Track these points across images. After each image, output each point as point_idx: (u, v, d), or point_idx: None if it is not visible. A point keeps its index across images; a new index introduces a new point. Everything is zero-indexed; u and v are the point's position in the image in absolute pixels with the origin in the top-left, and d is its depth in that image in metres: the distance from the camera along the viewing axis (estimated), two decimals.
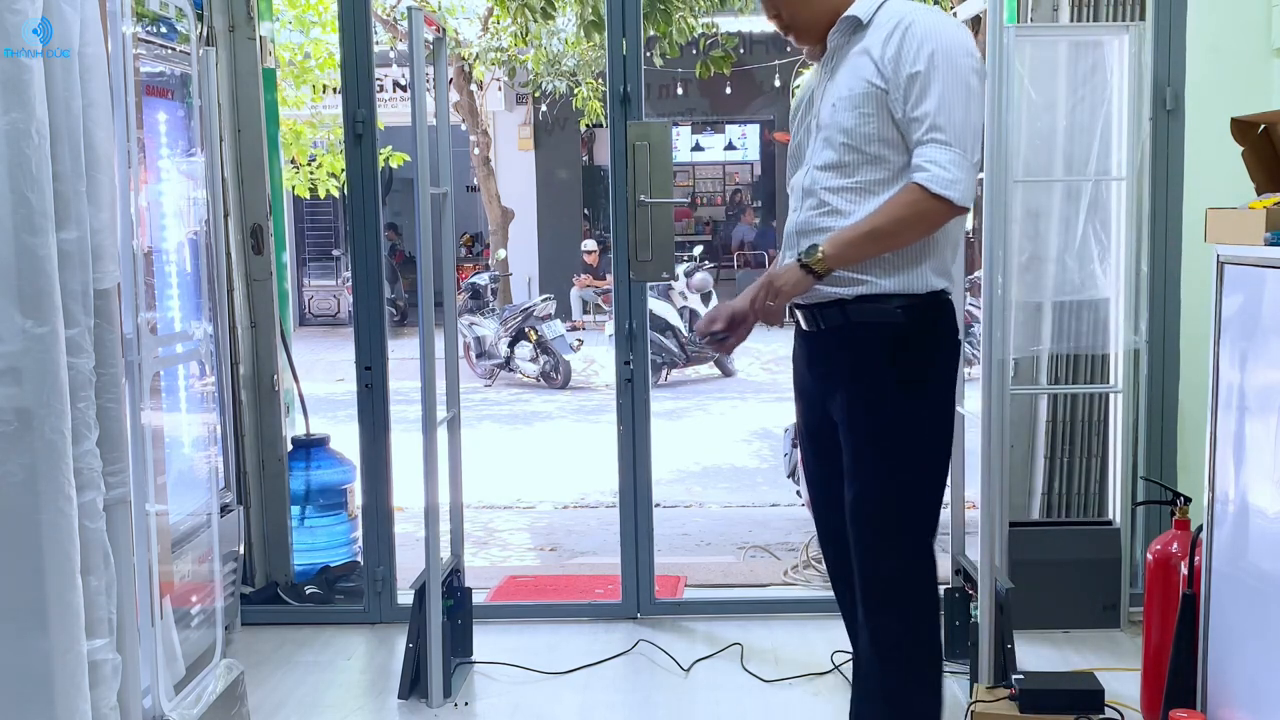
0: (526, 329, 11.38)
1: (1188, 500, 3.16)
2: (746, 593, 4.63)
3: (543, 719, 3.47)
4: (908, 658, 2.65)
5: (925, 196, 2.46)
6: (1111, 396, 4.09)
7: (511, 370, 11.59)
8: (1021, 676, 3.28)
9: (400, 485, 4.21)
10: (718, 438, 8.82)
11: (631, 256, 3.94)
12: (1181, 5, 3.93)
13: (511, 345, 11.50)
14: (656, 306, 10.44)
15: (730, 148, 20.95)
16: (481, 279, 12.78)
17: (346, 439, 4.48)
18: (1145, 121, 3.94)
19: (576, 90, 13.33)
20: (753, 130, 20.56)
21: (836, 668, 3.66)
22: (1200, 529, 2.92)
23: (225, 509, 3.72)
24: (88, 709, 2.32)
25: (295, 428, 4.56)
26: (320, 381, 10.43)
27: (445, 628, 3.52)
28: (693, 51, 8.92)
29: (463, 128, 14.07)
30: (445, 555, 3.67)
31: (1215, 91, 3.87)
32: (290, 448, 4.43)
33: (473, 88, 13.96)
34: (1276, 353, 2.59)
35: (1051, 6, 4.15)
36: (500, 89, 15.72)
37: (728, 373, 11.71)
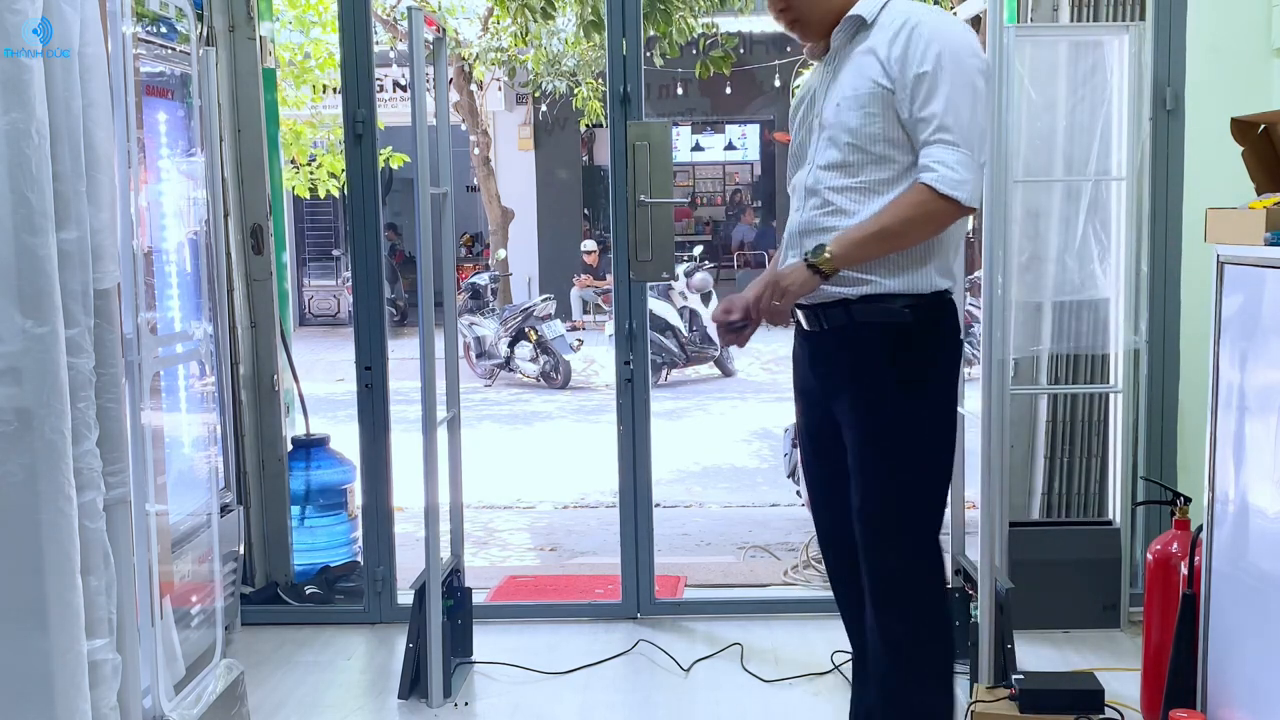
0: (526, 329, 11.38)
1: (1188, 500, 3.16)
2: (746, 593, 4.62)
3: (543, 719, 3.47)
4: (917, 656, 2.64)
5: (933, 197, 2.46)
6: (1111, 396, 4.09)
7: (511, 370, 11.59)
8: (1021, 676, 3.28)
9: (400, 485, 4.20)
10: (718, 438, 8.82)
11: (631, 256, 3.94)
12: (1181, 5, 3.93)
13: (511, 345, 11.50)
14: (656, 306, 10.43)
15: (730, 148, 20.95)
16: (481, 279, 12.77)
17: (346, 439, 4.48)
18: (1145, 121, 3.94)
19: (576, 90, 13.33)
20: (753, 130, 20.56)
21: (836, 668, 3.66)
22: (1200, 529, 2.92)
23: (225, 509, 3.72)
24: (88, 709, 2.32)
25: (295, 428, 4.56)
26: (320, 381, 10.43)
27: (445, 628, 3.52)
28: (693, 51, 8.93)
29: (463, 128, 14.07)
30: (445, 555, 3.67)
31: (1215, 91, 3.88)
32: (290, 448, 4.43)
33: (473, 88, 13.96)
34: (1276, 353, 2.59)
35: (1051, 6, 4.15)
36: (500, 89, 15.72)
37: (728, 373, 11.71)
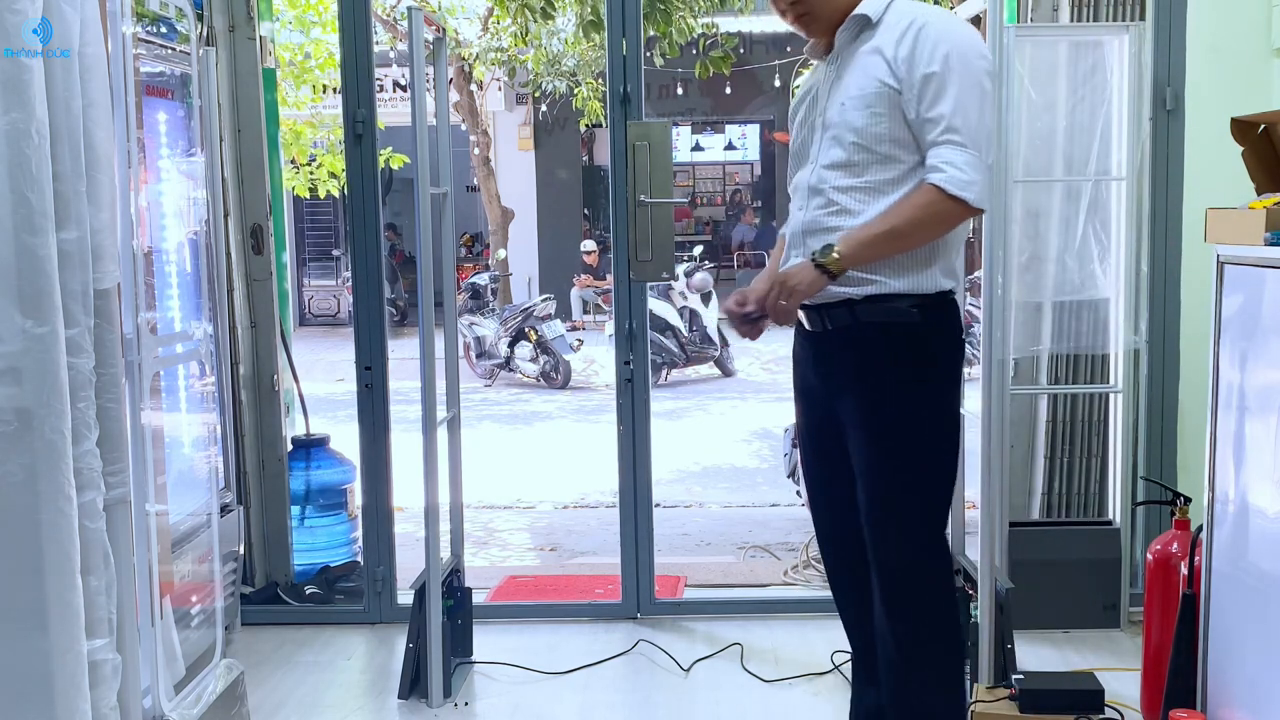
0: (526, 329, 11.38)
1: (1188, 500, 3.16)
2: (746, 593, 4.62)
3: (543, 719, 3.47)
4: (928, 655, 2.63)
5: (942, 198, 2.45)
6: (1111, 396, 4.09)
7: (511, 370, 11.59)
8: (1021, 676, 3.28)
9: (400, 485, 4.21)
10: (718, 438, 8.82)
11: (631, 256, 3.94)
12: (1181, 5, 3.93)
13: (511, 345, 11.50)
14: (656, 306, 10.44)
15: (730, 148, 20.96)
16: (481, 279, 12.77)
17: (346, 439, 4.48)
18: (1145, 121, 3.94)
19: (576, 90, 13.33)
20: (753, 130, 20.57)
21: (836, 668, 3.66)
22: (1200, 529, 2.92)
23: (225, 509, 3.72)
24: (88, 709, 2.32)
25: (295, 428, 4.56)
26: (320, 381, 10.43)
27: (445, 628, 3.52)
28: (693, 51, 8.93)
29: (463, 128, 14.07)
30: (445, 555, 3.67)
31: (1215, 91, 3.88)
32: (290, 448, 4.44)
33: (473, 88, 13.96)
34: (1276, 353, 2.59)
35: (1051, 6, 4.15)
36: (500, 89, 15.71)
37: (728, 373, 11.71)
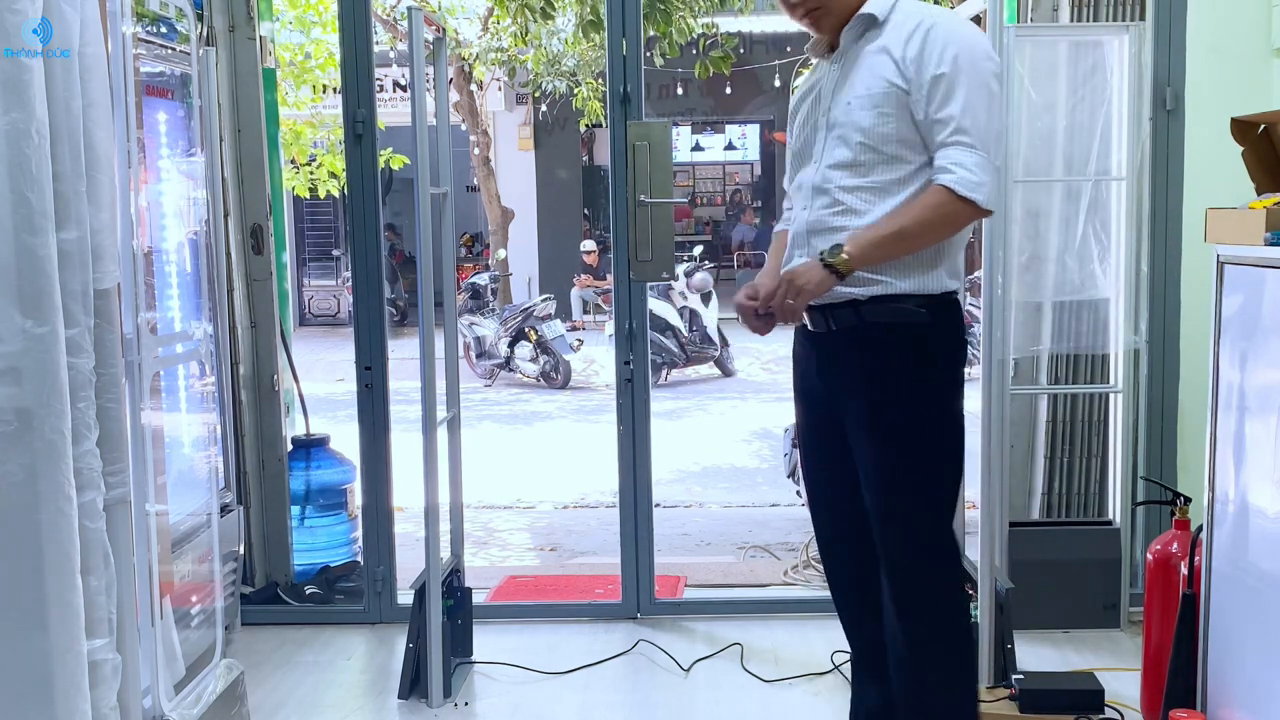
0: (526, 329, 11.37)
1: (1188, 500, 3.16)
2: (746, 593, 4.62)
3: (543, 719, 3.47)
4: (941, 653, 2.63)
5: (952, 199, 2.44)
6: (1111, 396, 4.09)
7: (511, 370, 11.59)
8: (1021, 676, 3.29)
9: (400, 485, 4.21)
10: (718, 438, 8.82)
11: (631, 256, 3.94)
12: (1181, 5, 3.93)
13: (511, 345, 11.50)
14: (656, 306, 10.43)
15: (730, 148, 20.99)
16: (481, 279, 12.77)
17: (346, 439, 4.48)
18: (1145, 121, 3.94)
19: (576, 90, 13.32)
20: (753, 130, 20.60)
21: (836, 668, 3.66)
22: (1200, 529, 2.92)
23: (225, 509, 3.72)
24: (88, 709, 2.32)
25: (295, 428, 4.56)
26: (320, 381, 10.43)
27: (445, 628, 3.52)
28: (693, 51, 8.93)
29: (463, 128, 14.07)
30: (445, 555, 3.67)
31: (1215, 91, 3.88)
32: (290, 448, 4.44)
33: (473, 88, 13.96)
34: (1276, 353, 2.60)
35: (1051, 6, 4.15)
36: (500, 89, 15.71)
37: (728, 373, 11.71)
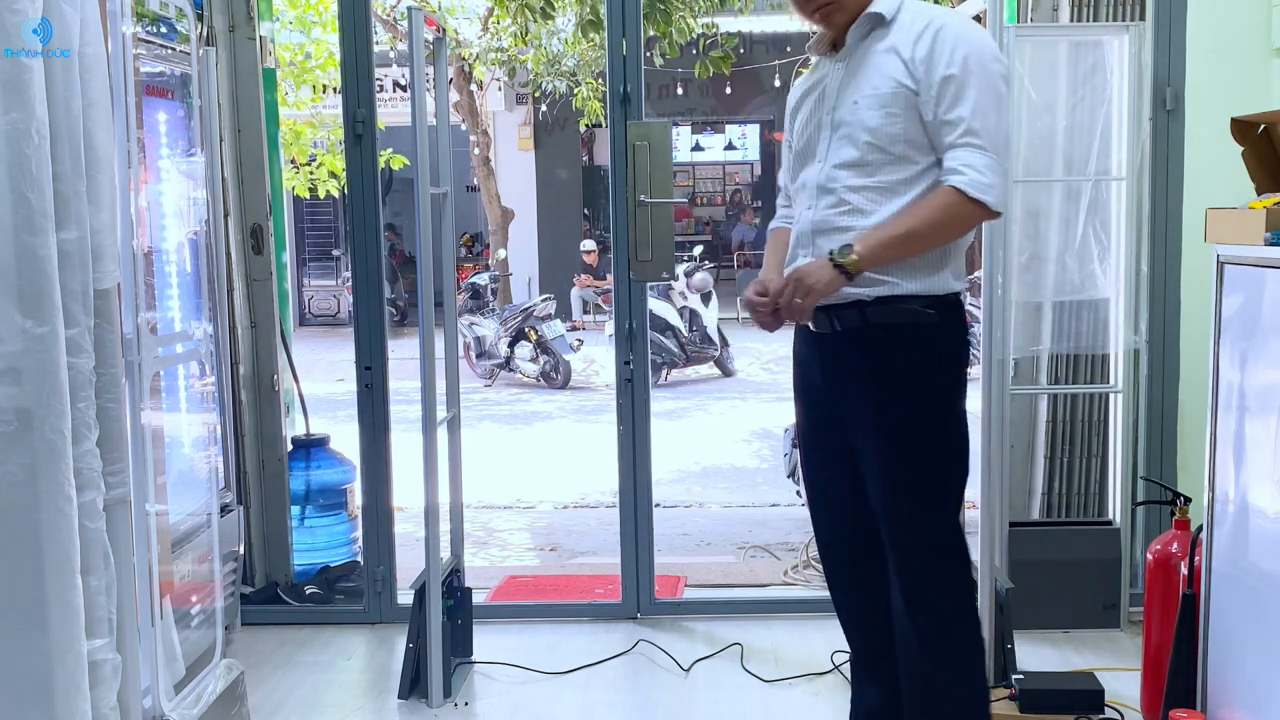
0: (526, 329, 11.37)
1: (1188, 500, 3.16)
2: (746, 593, 4.63)
3: (543, 719, 3.47)
4: (953, 648, 2.62)
5: (962, 200, 2.44)
6: (1111, 396, 4.09)
7: (511, 370, 11.59)
8: (1021, 676, 3.29)
9: (400, 485, 4.21)
10: (718, 438, 8.82)
11: (631, 256, 3.94)
12: (1181, 5, 3.93)
13: (511, 345, 11.50)
14: (656, 306, 10.43)
15: (730, 148, 20.98)
16: (481, 279, 12.77)
17: (346, 439, 4.48)
18: (1145, 121, 3.94)
19: (576, 90, 13.32)
20: (753, 130, 20.59)
21: (836, 668, 3.66)
22: (1200, 529, 2.92)
23: (225, 509, 3.72)
24: (88, 709, 2.32)
25: (295, 428, 4.56)
26: (320, 381, 10.43)
27: (445, 628, 3.52)
28: (693, 51, 8.93)
29: (463, 128, 14.07)
30: (445, 555, 3.67)
31: (1215, 91, 3.88)
32: (290, 448, 4.44)
33: (473, 88, 13.96)
34: (1276, 353, 2.60)
35: (1051, 6, 4.15)
36: (500, 89, 15.71)
37: (728, 373, 11.71)
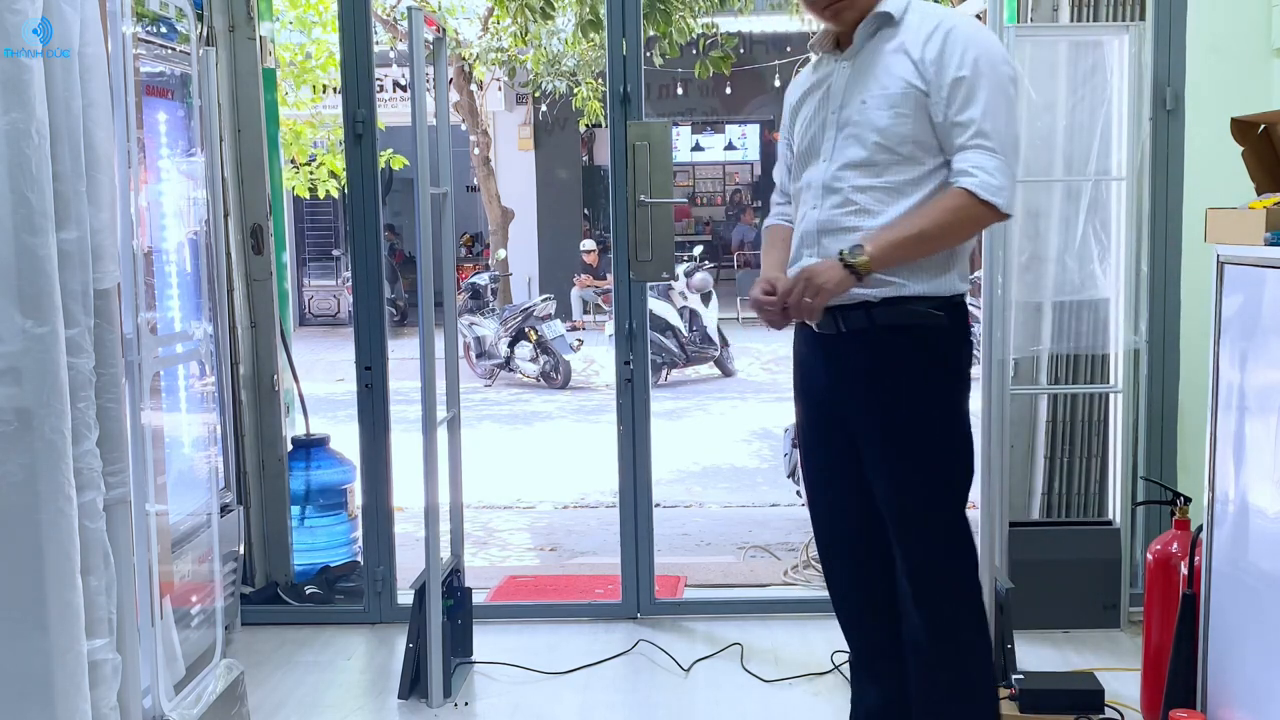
0: (526, 329, 11.38)
1: (1188, 500, 3.16)
2: (746, 593, 4.63)
3: (543, 719, 3.47)
4: (961, 647, 2.63)
5: (973, 202, 2.43)
6: (1111, 396, 4.09)
7: (511, 370, 11.59)
8: (1021, 676, 3.29)
9: (400, 485, 4.21)
10: (718, 438, 8.82)
11: (631, 256, 3.94)
12: (1181, 5, 3.93)
13: (511, 345, 11.50)
14: (656, 306, 10.43)
15: (730, 148, 20.99)
16: (481, 279, 12.77)
17: (346, 439, 4.48)
18: (1145, 121, 3.94)
19: (576, 90, 13.32)
20: (753, 130, 20.60)
21: (836, 668, 3.66)
22: (1200, 529, 2.92)
23: (225, 509, 3.72)
24: (88, 709, 2.32)
25: (295, 428, 4.56)
26: (320, 381, 10.43)
27: (445, 628, 3.52)
28: (693, 51, 8.93)
29: (463, 128, 14.07)
30: (445, 555, 3.67)
31: (1215, 91, 3.88)
32: (290, 448, 4.44)
33: (473, 88, 13.96)
34: (1276, 353, 2.60)
35: (1051, 6, 4.15)
36: (500, 89, 15.71)
37: (728, 373, 11.71)
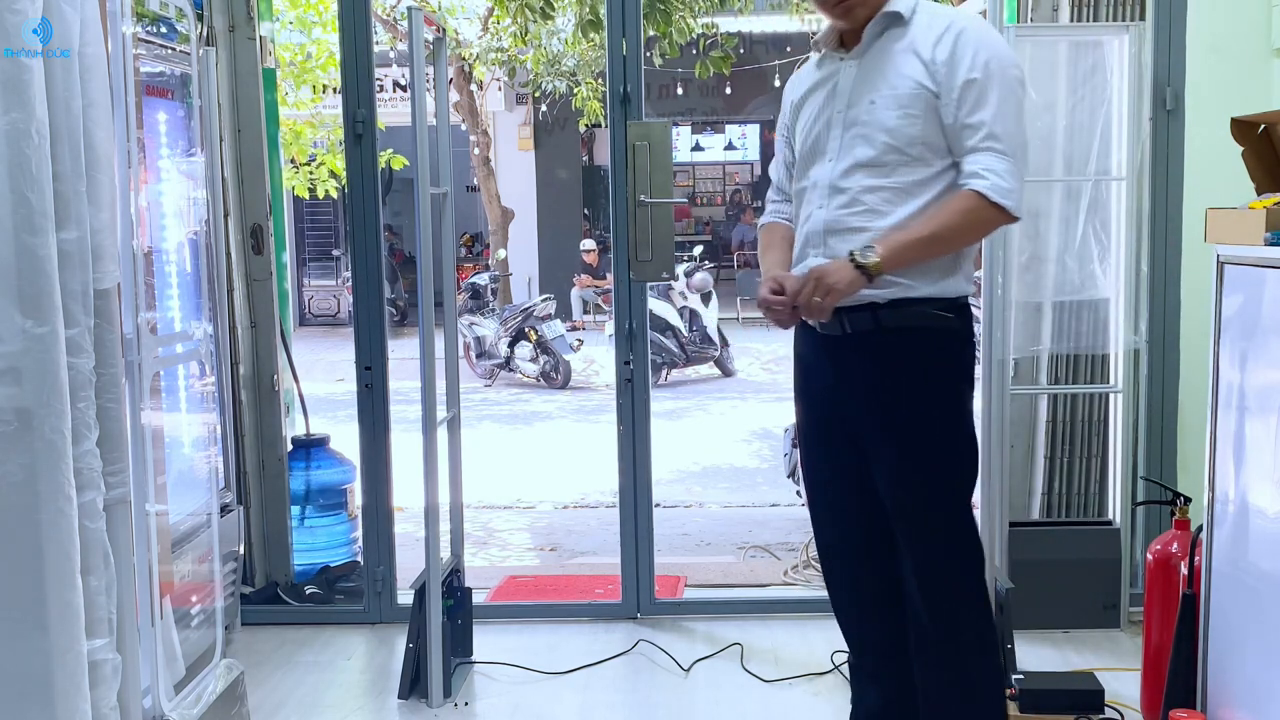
0: (526, 329, 11.38)
1: (1188, 500, 3.16)
2: (746, 593, 4.63)
3: (543, 719, 3.47)
4: (970, 646, 2.62)
5: (984, 204, 2.43)
6: (1111, 396, 4.09)
7: (511, 370, 11.59)
8: (1021, 676, 3.29)
9: (400, 485, 4.21)
10: (718, 438, 8.82)
11: (631, 256, 3.94)
12: (1181, 5, 3.93)
13: (511, 345, 11.50)
14: (656, 306, 10.43)
15: (730, 148, 20.99)
16: (481, 279, 12.77)
17: (346, 439, 4.48)
18: (1145, 121, 3.94)
19: (576, 90, 13.32)
20: (753, 130, 20.60)
21: (836, 668, 3.66)
22: (1200, 529, 2.92)
23: (225, 509, 3.72)
24: (88, 709, 2.32)
25: (295, 428, 4.56)
26: (320, 381, 10.43)
27: (445, 628, 3.52)
28: (693, 51, 8.93)
29: (463, 128, 14.07)
30: (445, 555, 3.67)
31: (1215, 91, 3.88)
32: (290, 448, 4.44)
33: (473, 88, 13.96)
34: (1276, 353, 2.60)
35: (1051, 6, 4.15)
36: (500, 89, 15.71)
37: (728, 373, 11.71)
